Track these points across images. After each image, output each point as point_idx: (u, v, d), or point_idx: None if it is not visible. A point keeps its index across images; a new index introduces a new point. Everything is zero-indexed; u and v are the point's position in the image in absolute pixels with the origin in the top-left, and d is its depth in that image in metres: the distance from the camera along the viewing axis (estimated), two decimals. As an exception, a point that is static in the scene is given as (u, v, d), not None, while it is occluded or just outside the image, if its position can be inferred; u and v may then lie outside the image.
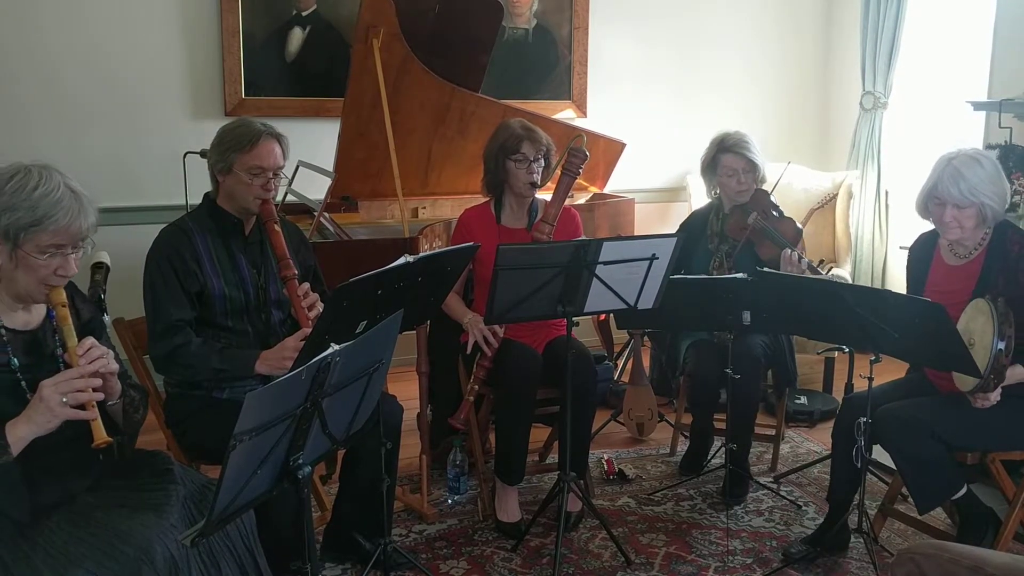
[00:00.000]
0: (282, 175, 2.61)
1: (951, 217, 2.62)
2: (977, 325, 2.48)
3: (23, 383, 1.88)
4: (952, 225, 2.64)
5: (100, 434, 1.83)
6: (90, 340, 1.91)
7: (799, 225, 3.40)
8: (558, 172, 3.14)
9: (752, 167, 3.38)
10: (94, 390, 1.84)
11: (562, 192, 3.09)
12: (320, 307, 2.57)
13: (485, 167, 3.20)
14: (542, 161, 3.12)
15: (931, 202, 2.68)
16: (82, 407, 1.82)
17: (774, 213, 3.39)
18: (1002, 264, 2.63)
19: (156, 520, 1.90)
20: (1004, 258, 2.63)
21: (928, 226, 2.85)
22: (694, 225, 3.57)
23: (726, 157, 3.39)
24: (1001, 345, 2.36)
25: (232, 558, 2.01)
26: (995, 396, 2.47)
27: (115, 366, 1.95)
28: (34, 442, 1.80)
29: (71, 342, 1.87)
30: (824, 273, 3.17)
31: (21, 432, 1.77)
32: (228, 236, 2.61)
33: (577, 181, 3.15)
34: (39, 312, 2.00)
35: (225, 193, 2.59)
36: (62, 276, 1.91)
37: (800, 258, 3.17)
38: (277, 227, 2.58)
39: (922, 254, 2.87)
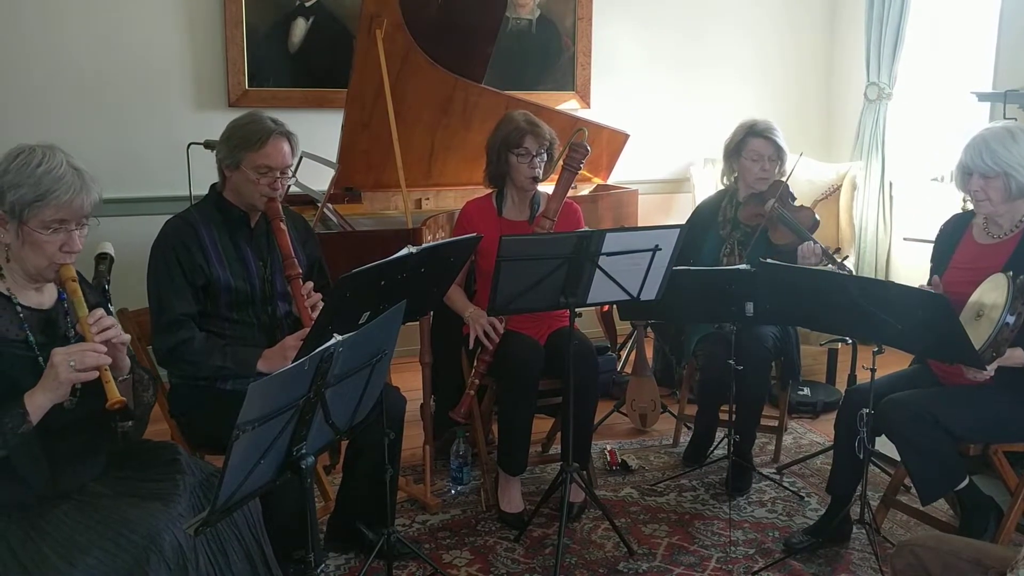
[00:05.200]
0: (290, 173, 2.59)
1: (978, 187, 2.64)
2: (990, 299, 2.48)
3: (40, 359, 1.92)
4: (980, 196, 2.65)
5: (113, 393, 1.86)
6: (100, 311, 1.96)
7: (816, 217, 3.40)
8: (560, 166, 3.13)
9: (778, 155, 3.37)
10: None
11: (563, 187, 3.08)
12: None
13: (487, 159, 3.20)
14: (544, 155, 3.11)
15: (963, 173, 2.70)
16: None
17: (791, 202, 3.38)
18: None
19: (164, 509, 1.92)
20: None
21: (945, 215, 2.90)
22: (704, 214, 3.55)
23: (755, 141, 3.37)
24: (1010, 319, 2.36)
25: (239, 546, 2.03)
26: (988, 372, 2.46)
27: (125, 336, 1.99)
28: (51, 426, 1.85)
29: (81, 312, 1.92)
30: (840, 261, 3.17)
31: (38, 401, 1.84)
32: (234, 228, 2.61)
33: (580, 172, 3.15)
34: (51, 294, 2.05)
35: (232, 188, 2.59)
36: (68, 252, 1.96)
37: (822, 250, 3.17)
38: (283, 225, 2.56)
39: (952, 233, 2.86)
